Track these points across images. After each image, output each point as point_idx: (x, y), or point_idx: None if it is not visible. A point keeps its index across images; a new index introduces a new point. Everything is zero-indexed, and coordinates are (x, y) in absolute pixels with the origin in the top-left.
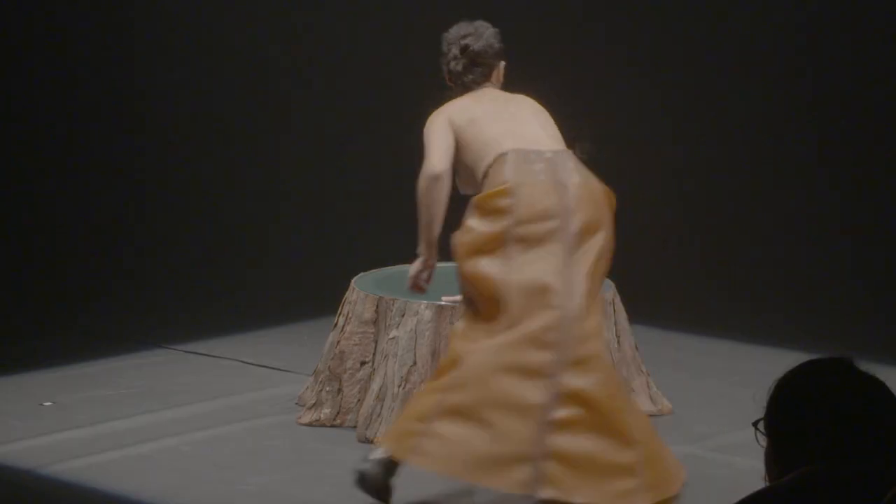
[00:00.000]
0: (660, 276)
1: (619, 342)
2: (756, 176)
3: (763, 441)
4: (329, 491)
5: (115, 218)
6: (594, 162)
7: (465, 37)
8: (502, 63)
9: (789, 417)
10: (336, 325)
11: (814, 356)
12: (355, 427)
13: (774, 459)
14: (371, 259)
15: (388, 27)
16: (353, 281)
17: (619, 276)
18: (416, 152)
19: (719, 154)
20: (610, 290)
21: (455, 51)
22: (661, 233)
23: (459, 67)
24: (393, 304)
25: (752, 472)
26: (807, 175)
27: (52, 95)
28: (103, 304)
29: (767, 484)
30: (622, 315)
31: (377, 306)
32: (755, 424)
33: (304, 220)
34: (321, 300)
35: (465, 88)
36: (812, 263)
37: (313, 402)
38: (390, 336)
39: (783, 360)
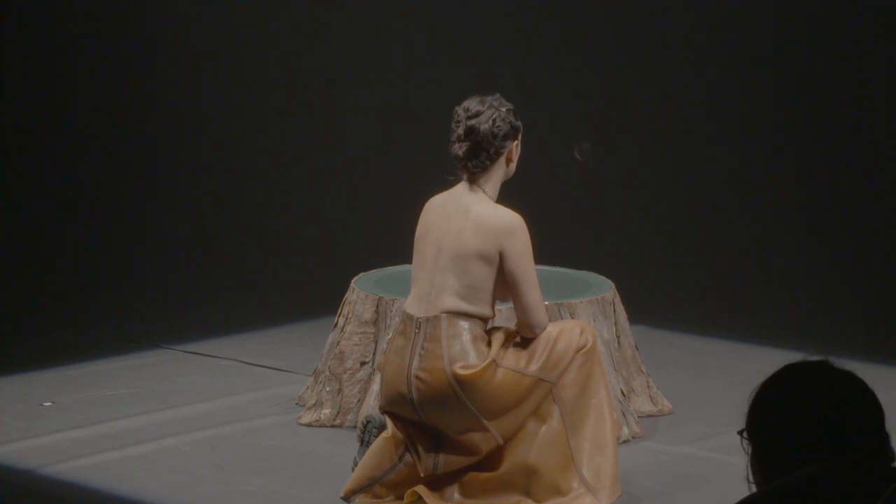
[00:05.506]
0: (660, 276)
1: (619, 342)
2: (756, 177)
3: (748, 448)
4: (329, 491)
5: (116, 218)
6: (593, 163)
7: (472, 116)
8: (515, 143)
9: (768, 422)
10: (336, 325)
11: (814, 356)
12: (355, 427)
13: (757, 464)
14: (371, 259)
15: (388, 32)
16: (353, 281)
17: (619, 276)
18: (415, 153)
19: (719, 155)
20: (610, 290)
21: (459, 131)
22: (661, 233)
23: (461, 152)
24: (393, 304)
25: None
26: (807, 177)
27: (54, 94)
28: (103, 304)
29: (752, 487)
30: (622, 315)
31: (377, 306)
32: (741, 433)
33: (304, 220)
34: (321, 300)
35: (466, 171)
36: (812, 264)
37: (313, 402)
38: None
39: (783, 361)
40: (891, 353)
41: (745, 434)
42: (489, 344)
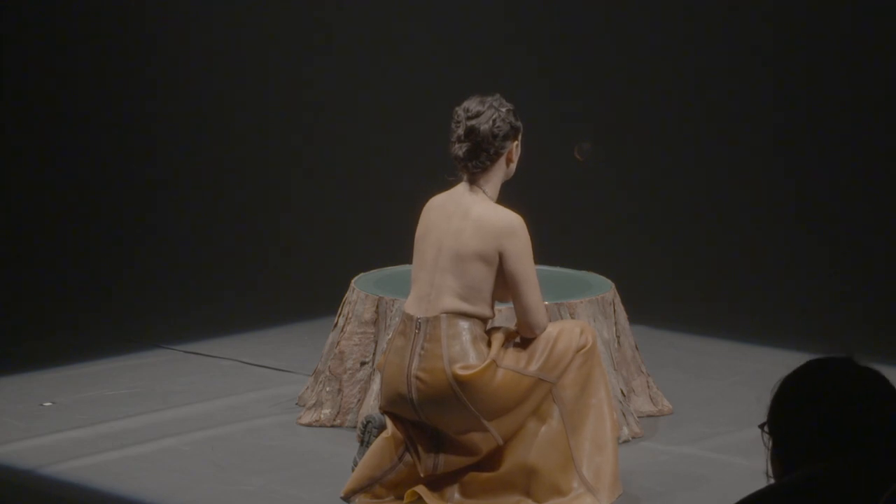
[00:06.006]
0: (660, 276)
1: (619, 342)
2: (756, 177)
3: (769, 443)
4: (329, 491)
5: (116, 218)
6: (593, 163)
7: (472, 116)
8: (515, 143)
9: (792, 417)
10: (336, 325)
11: (814, 356)
12: (355, 427)
13: (779, 460)
14: (371, 259)
15: (388, 32)
16: (353, 281)
17: (619, 276)
18: (415, 153)
19: (719, 155)
20: (610, 290)
21: (459, 131)
22: (661, 233)
23: (461, 152)
24: (393, 304)
25: (752, 472)
26: (807, 177)
27: (55, 94)
28: (103, 304)
29: (771, 482)
30: (622, 315)
31: (377, 306)
32: (762, 427)
33: (304, 220)
34: (321, 300)
35: (466, 171)
36: (812, 264)
37: (313, 402)
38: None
39: (783, 360)
40: (891, 353)
41: (765, 428)
42: (489, 344)
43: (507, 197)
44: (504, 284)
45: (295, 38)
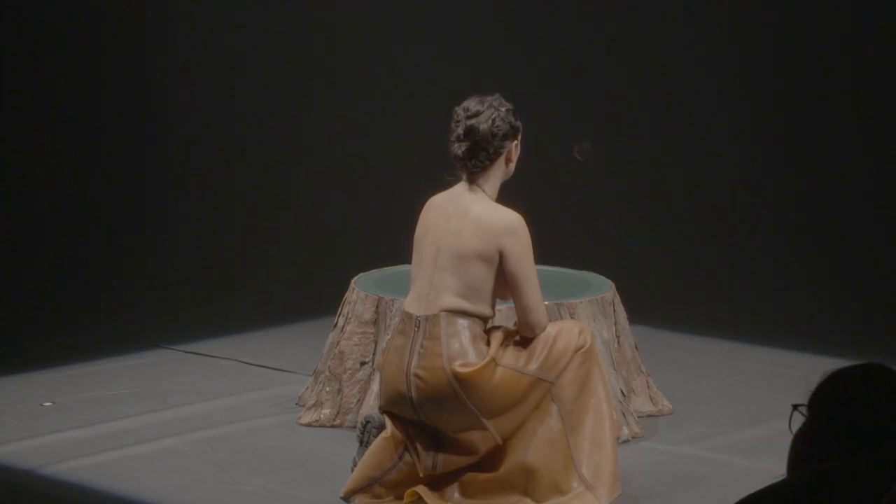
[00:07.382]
0: (660, 276)
1: (619, 342)
2: (757, 177)
3: (794, 425)
4: (329, 491)
5: (116, 218)
6: (593, 162)
7: (472, 116)
8: (515, 143)
9: (835, 406)
10: (336, 325)
11: (814, 356)
12: (355, 427)
13: (806, 442)
14: (371, 259)
15: (388, 32)
16: (353, 281)
17: (619, 276)
18: (415, 153)
19: (720, 156)
20: (610, 290)
21: (459, 131)
22: (661, 233)
23: (460, 152)
24: (393, 304)
25: (752, 472)
26: (807, 178)
27: (54, 93)
28: (103, 304)
29: (787, 465)
30: (622, 315)
31: (377, 306)
32: (795, 406)
33: (304, 220)
34: (321, 300)
35: (465, 171)
36: (811, 264)
37: (313, 402)
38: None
39: (783, 360)
40: (891, 353)
41: (799, 408)
42: (488, 343)
43: (507, 197)
44: (504, 283)
45: (295, 39)
